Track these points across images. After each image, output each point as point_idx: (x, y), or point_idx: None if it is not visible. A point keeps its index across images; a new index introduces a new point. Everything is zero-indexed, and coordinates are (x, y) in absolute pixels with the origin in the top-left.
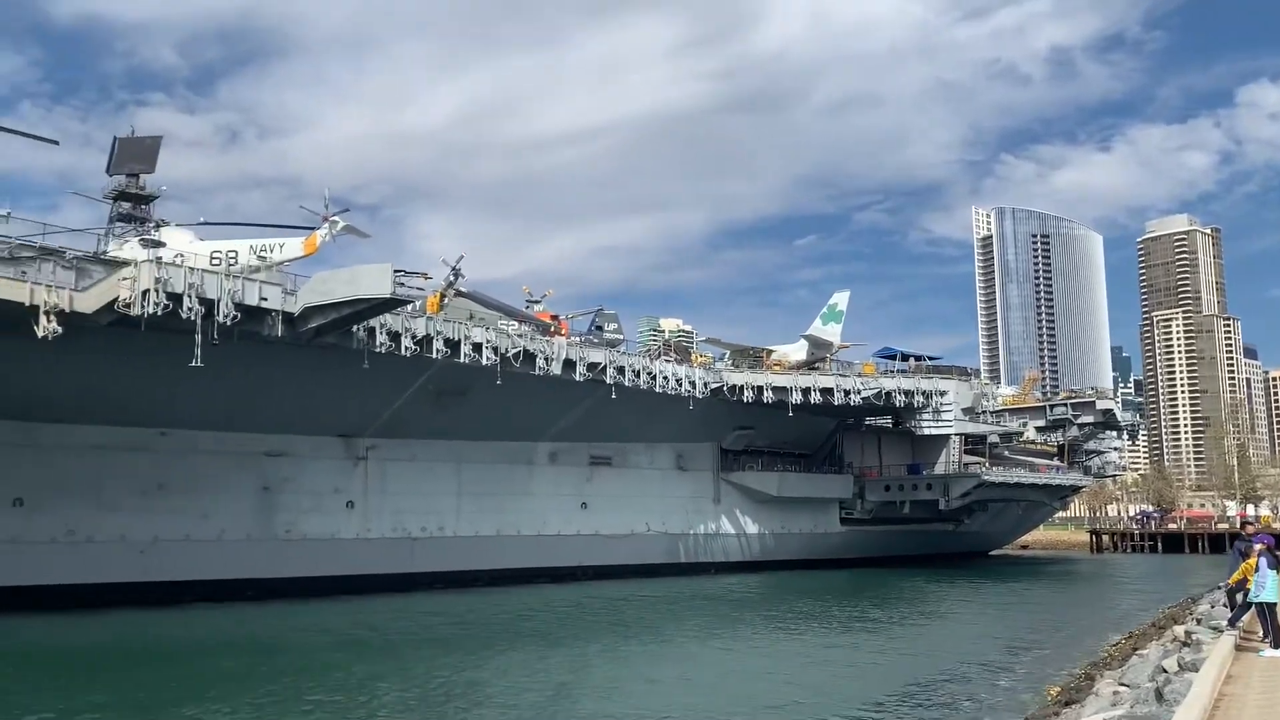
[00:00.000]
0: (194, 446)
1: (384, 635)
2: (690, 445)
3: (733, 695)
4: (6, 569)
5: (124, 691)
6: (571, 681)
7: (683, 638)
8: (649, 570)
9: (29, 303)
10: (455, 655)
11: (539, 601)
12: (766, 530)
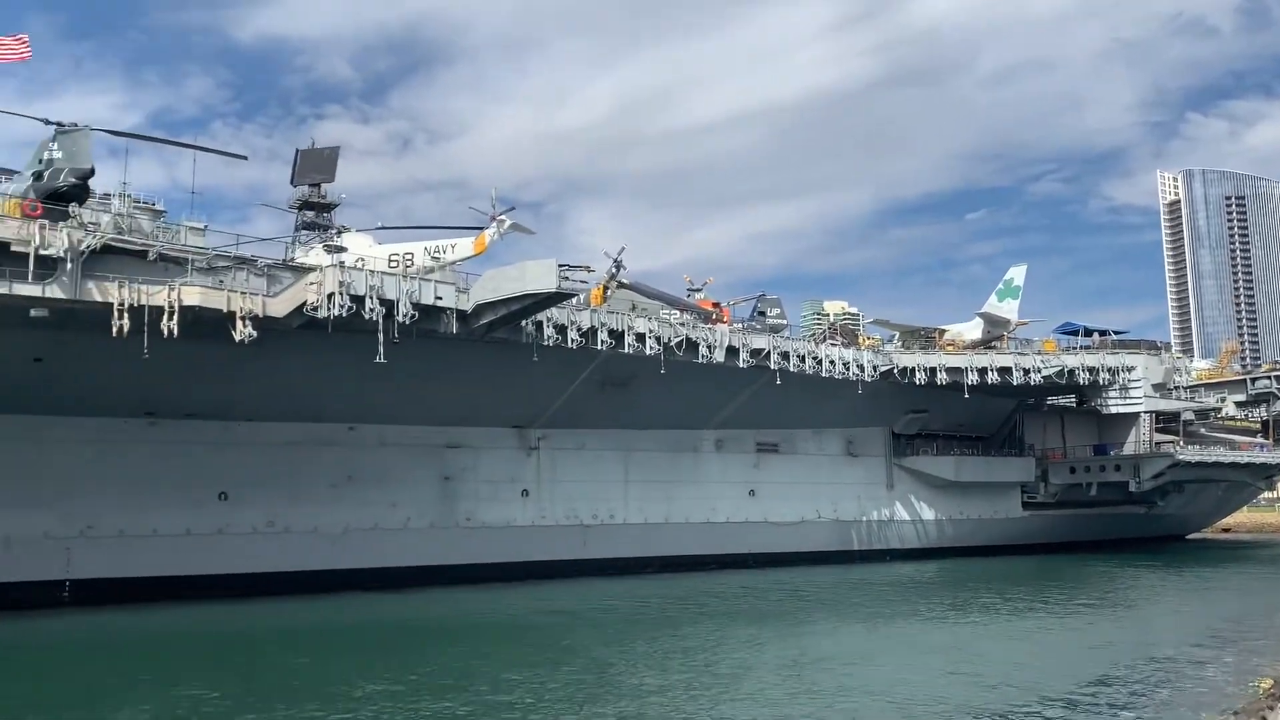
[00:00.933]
0: (380, 440)
1: (622, 614)
2: (860, 430)
3: (960, 676)
4: (214, 558)
5: (459, 662)
6: (812, 657)
7: (887, 619)
8: (819, 558)
9: (226, 309)
10: (687, 631)
11: (728, 586)
12: (943, 516)
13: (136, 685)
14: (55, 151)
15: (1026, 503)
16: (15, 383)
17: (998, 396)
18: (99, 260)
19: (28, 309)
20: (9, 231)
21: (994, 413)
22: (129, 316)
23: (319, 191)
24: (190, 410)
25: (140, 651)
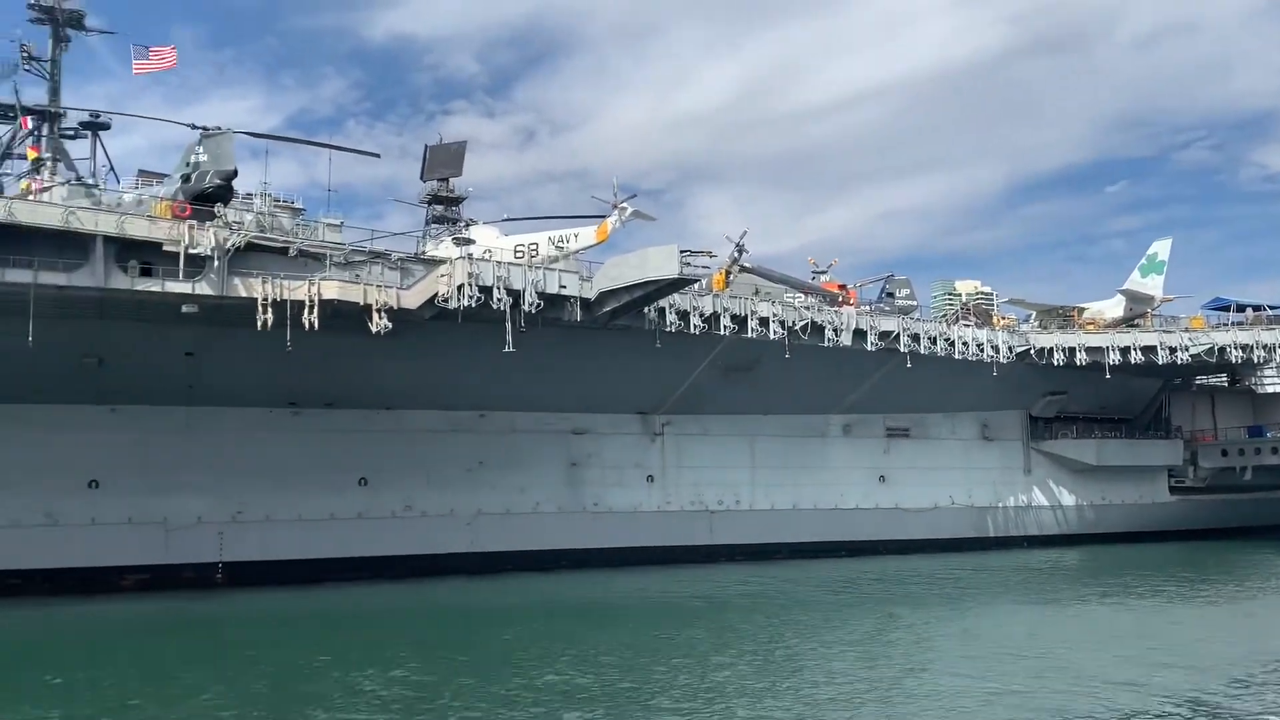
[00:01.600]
0: (510, 427)
1: (774, 598)
2: (995, 414)
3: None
4: (355, 541)
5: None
6: (990, 635)
7: (1063, 604)
8: (952, 545)
9: (363, 302)
10: (849, 616)
11: (868, 572)
12: (1084, 501)
13: (403, 648)
14: (201, 155)
15: (1174, 487)
16: (170, 376)
17: (1142, 377)
18: (243, 257)
19: (179, 305)
20: (161, 232)
21: (1138, 394)
22: (272, 311)
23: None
24: (331, 400)
25: (372, 624)
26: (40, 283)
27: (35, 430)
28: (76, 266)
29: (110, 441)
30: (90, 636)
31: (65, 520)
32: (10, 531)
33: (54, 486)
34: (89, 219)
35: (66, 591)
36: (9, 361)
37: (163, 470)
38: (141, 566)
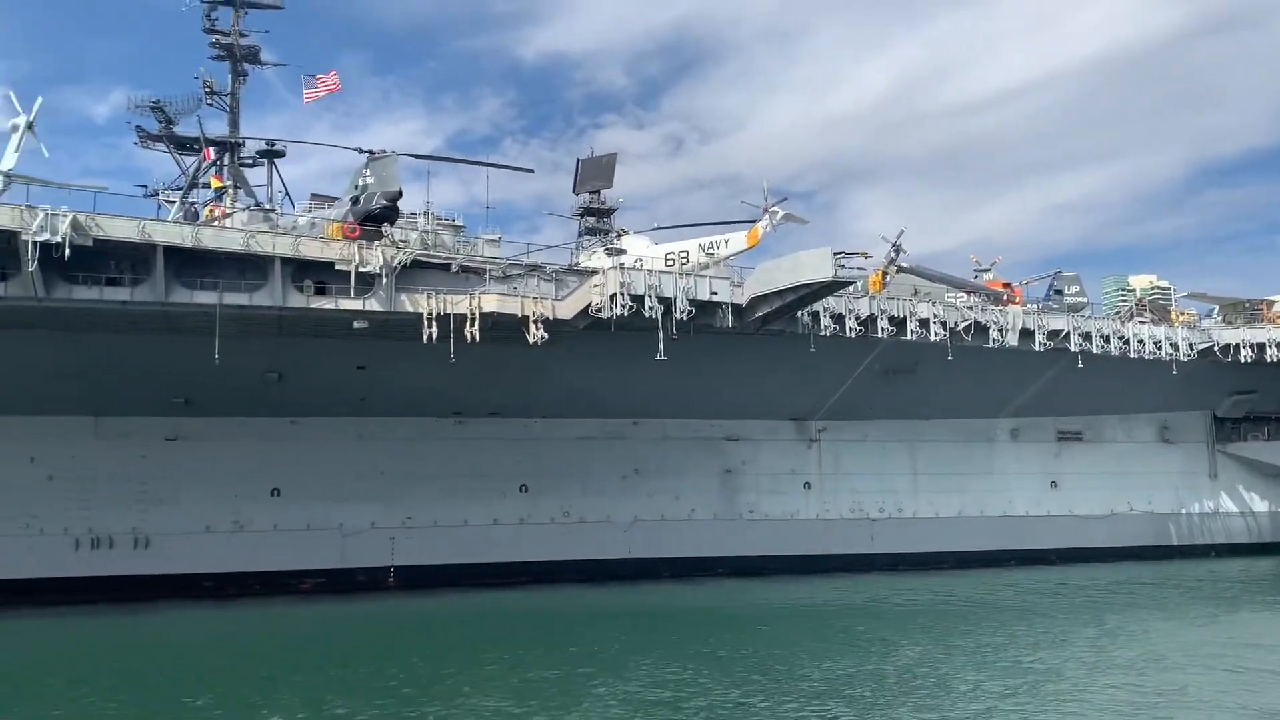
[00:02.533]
0: (663, 434)
1: (976, 605)
2: (1176, 415)
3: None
4: (516, 547)
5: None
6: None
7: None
8: (1131, 553)
9: (520, 314)
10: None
11: (1050, 582)
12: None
13: (643, 646)
14: (368, 177)
15: None
16: (343, 389)
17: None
18: (409, 274)
19: (351, 322)
20: (333, 253)
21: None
22: (436, 324)
23: (599, 198)
24: (493, 409)
25: (589, 624)
26: (225, 303)
27: (224, 441)
28: (257, 287)
29: (290, 452)
30: (381, 631)
31: (251, 526)
32: (204, 537)
33: (241, 494)
34: (267, 242)
35: (251, 594)
36: (199, 378)
37: (338, 479)
38: (319, 570)
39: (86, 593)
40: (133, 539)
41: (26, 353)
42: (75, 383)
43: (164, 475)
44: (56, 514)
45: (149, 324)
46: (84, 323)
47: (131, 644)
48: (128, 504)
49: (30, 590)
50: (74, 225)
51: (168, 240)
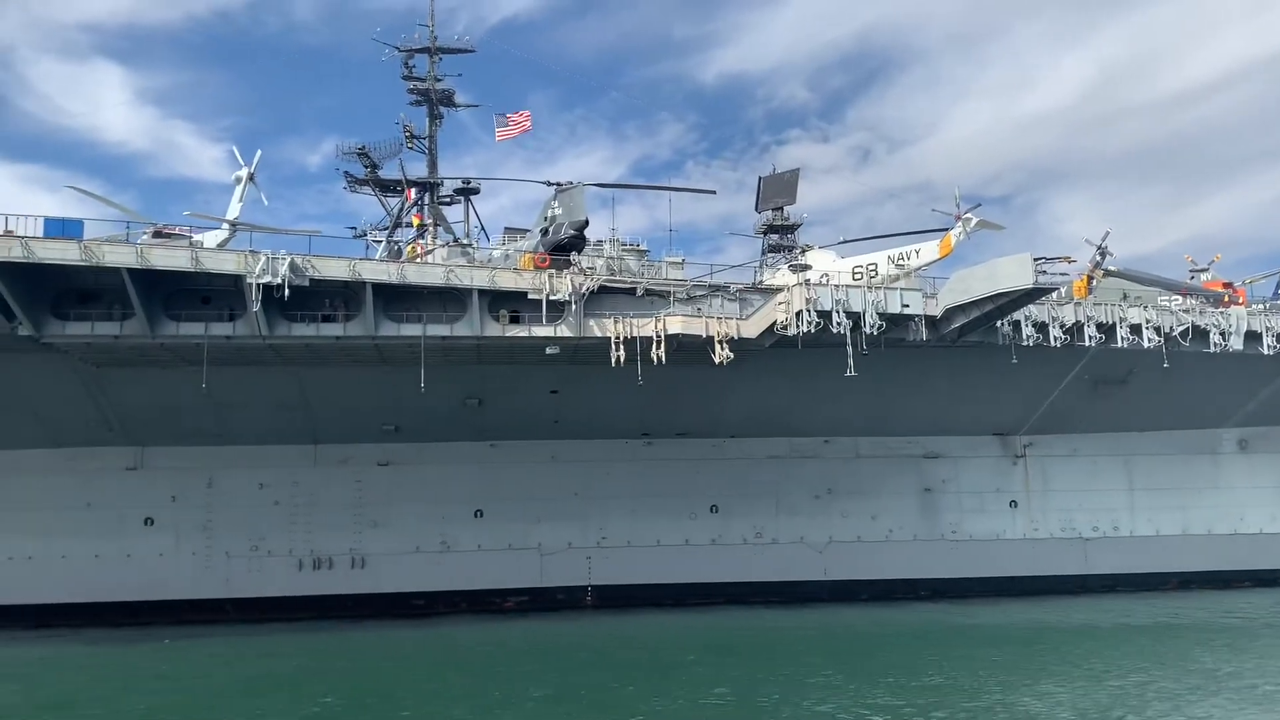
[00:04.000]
0: (856, 452)
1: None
2: None
3: None
4: (710, 567)
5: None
6: None
7: None
8: None
9: (705, 334)
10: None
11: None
12: None
13: (866, 669)
14: (556, 209)
15: None
16: (538, 412)
17: None
18: (596, 300)
19: (544, 348)
20: (526, 283)
21: None
22: (623, 348)
23: (782, 214)
24: (681, 429)
25: (798, 644)
26: (428, 334)
27: (430, 465)
28: (457, 318)
29: (491, 474)
30: (601, 649)
31: (456, 546)
32: (414, 556)
33: (447, 515)
34: (465, 275)
35: (458, 612)
36: (407, 405)
37: (536, 500)
38: (521, 589)
39: (308, 610)
40: (350, 559)
41: (254, 387)
42: (297, 413)
43: (377, 499)
44: (282, 536)
45: (361, 356)
46: (303, 357)
47: (384, 657)
48: (345, 526)
49: (261, 608)
50: (292, 267)
51: (376, 278)
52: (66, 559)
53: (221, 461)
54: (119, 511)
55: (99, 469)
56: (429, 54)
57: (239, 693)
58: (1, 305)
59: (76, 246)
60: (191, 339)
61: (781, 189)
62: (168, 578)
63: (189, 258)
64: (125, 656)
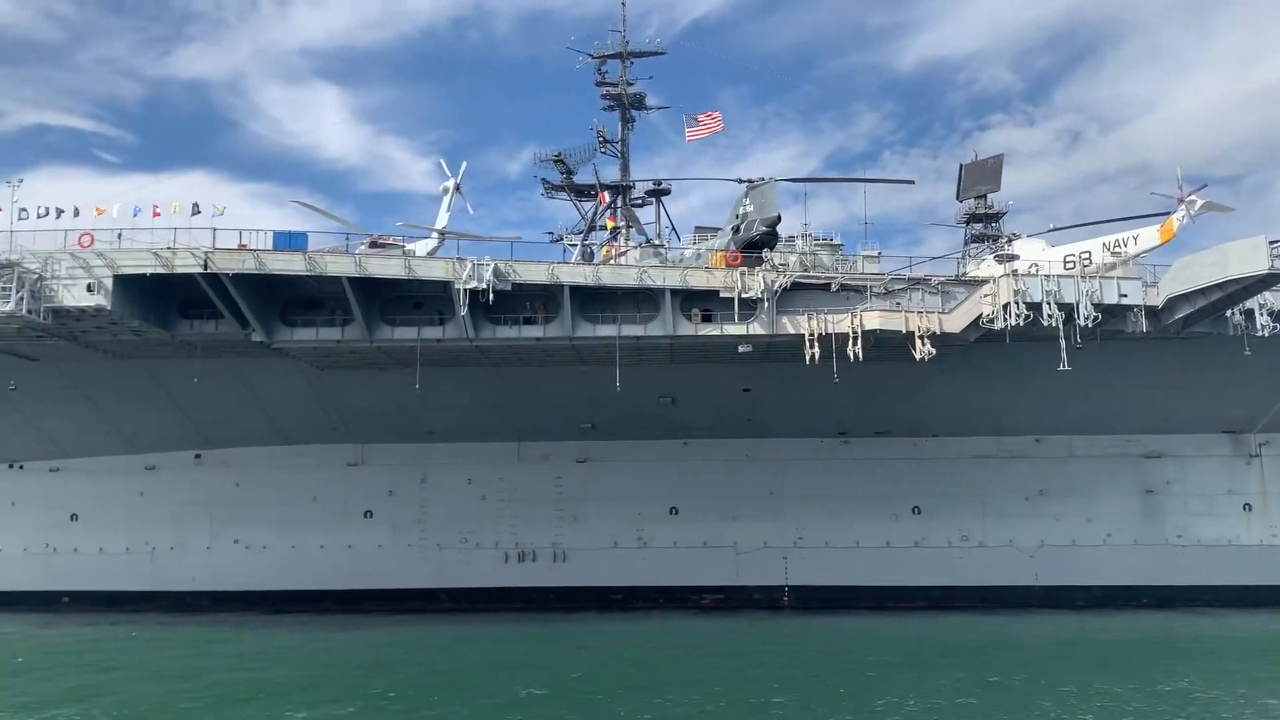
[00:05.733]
0: (1070, 451)
1: None
2: None
3: None
4: (912, 570)
5: None
6: None
7: None
8: None
9: (905, 330)
10: None
11: None
12: None
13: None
14: (747, 205)
15: None
16: (730, 411)
17: None
18: (789, 296)
19: (736, 346)
20: (717, 281)
21: None
22: (818, 345)
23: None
24: (880, 428)
25: (1015, 652)
26: (623, 334)
27: (626, 463)
28: (650, 318)
29: (685, 472)
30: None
31: (653, 543)
32: (612, 552)
33: (644, 512)
34: (658, 275)
35: (655, 607)
36: (603, 404)
37: (730, 498)
38: (717, 587)
39: (514, 601)
40: (552, 553)
41: (462, 387)
42: (501, 412)
43: (576, 495)
44: (489, 530)
45: (560, 357)
46: (506, 358)
47: (609, 649)
48: (547, 521)
49: (471, 598)
50: (496, 272)
51: (573, 280)
52: (296, 549)
53: (433, 458)
54: (342, 505)
55: (324, 465)
56: (621, 59)
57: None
58: (237, 313)
59: (302, 258)
60: (405, 342)
61: (984, 176)
62: (386, 568)
63: (403, 266)
64: (363, 640)
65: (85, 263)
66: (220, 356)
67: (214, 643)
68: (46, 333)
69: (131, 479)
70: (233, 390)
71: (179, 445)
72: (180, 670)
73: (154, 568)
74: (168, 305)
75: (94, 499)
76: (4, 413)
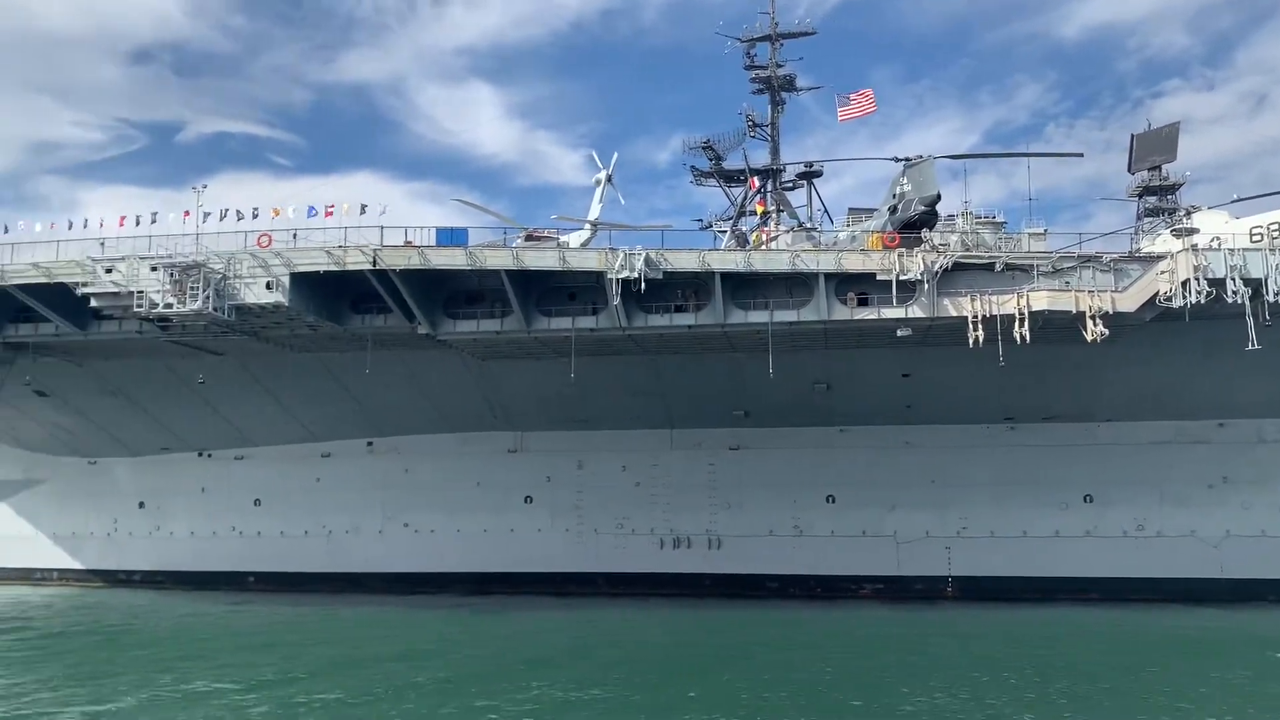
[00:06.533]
0: (1259, 436)
1: None
2: None
3: None
4: (1082, 560)
5: None
6: None
7: None
8: None
9: (1075, 310)
10: None
11: None
12: None
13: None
14: (905, 185)
15: None
16: (888, 397)
17: None
18: (950, 278)
19: (894, 330)
20: (873, 263)
21: None
22: (982, 327)
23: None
24: (1049, 414)
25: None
26: (775, 320)
27: (780, 450)
28: (803, 303)
29: (841, 459)
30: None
31: (809, 531)
32: (767, 540)
33: (799, 500)
34: (811, 259)
35: (812, 597)
36: (756, 391)
37: (889, 486)
38: (876, 577)
39: (669, 587)
40: (707, 540)
41: (615, 375)
42: (654, 399)
43: (729, 482)
44: (643, 516)
45: (712, 344)
46: (658, 346)
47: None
48: (701, 508)
49: (628, 582)
50: (647, 261)
51: (724, 267)
52: (461, 533)
53: (589, 445)
54: (503, 490)
55: (486, 452)
56: (770, 41)
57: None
58: (404, 307)
59: (463, 253)
60: (560, 332)
61: (1159, 146)
62: (546, 551)
63: (557, 258)
64: (553, 622)
65: (264, 262)
66: (389, 349)
67: (443, 622)
68: (230, 329)
69: (309, 466)
70: (400, 381)
71: (352, 434)
72: (437, 648)
73: (330, 550)
74: (340, 301)
75: (276, 485)
76: (194, 405)
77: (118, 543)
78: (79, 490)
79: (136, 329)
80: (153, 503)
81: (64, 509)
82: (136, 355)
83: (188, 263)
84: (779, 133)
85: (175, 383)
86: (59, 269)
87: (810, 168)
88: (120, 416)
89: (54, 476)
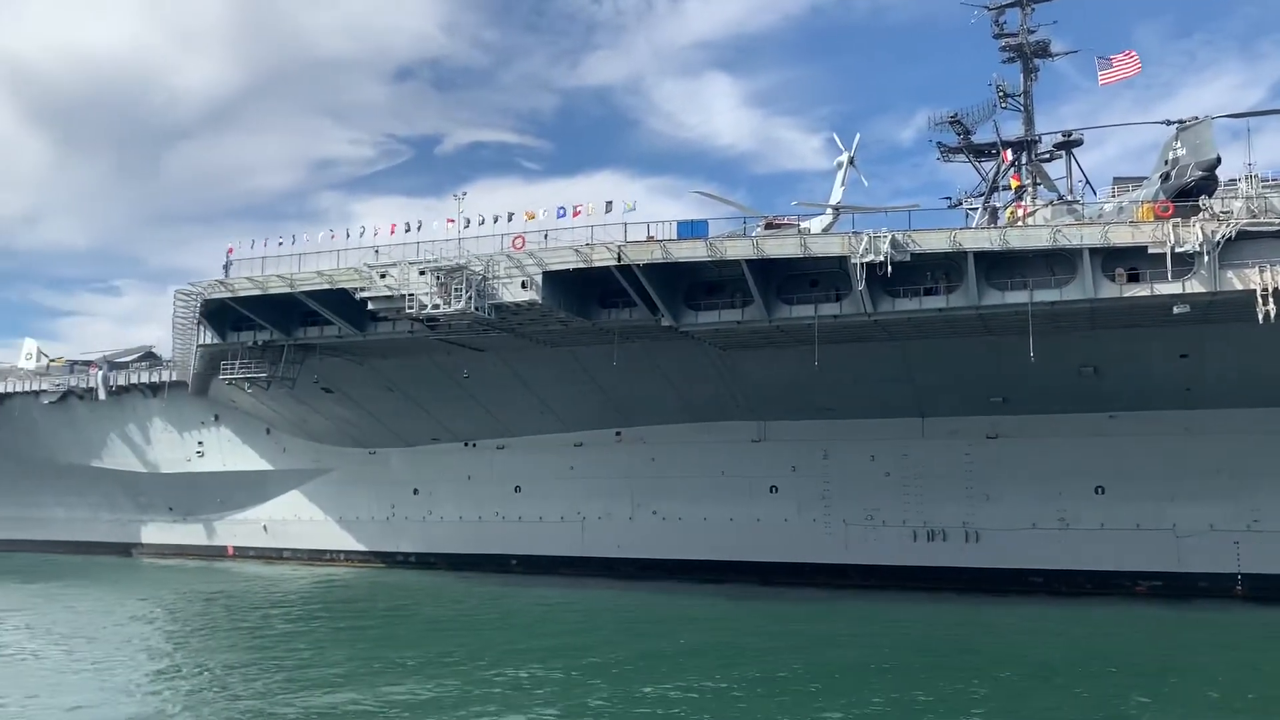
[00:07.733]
0: None
1: None
2: None
3: None
4: None
5: None
6: None
7: None
8: None
9: None
10: None
11: None
12: None
13: None
14: (1178, 149)
15: None
16: (1165, 379)
17: None
18: (1234, 248)
19: (1170, 307)
20: (1144, 236)
21: None
22: (1274, 301)
23: None
24: None
25: None
26: (1035, 301)
27: (1043, 438)
28: (1066, 281)
29: (1112, 448)
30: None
31: (1076, 524)
32: (1030, 533)
33: (1064, 491)
34: (1073, 234)
35: (1081, 593)
36: (1015, 376)
37: (1167, 476)
38: (1153, 573)
39: (921, 581)
40: (963, 533)
41: (862, 363)
42: (903, 387)
43: (987, 472)
44: (894, 508)
45: (965, 328)
46: (906, 331)
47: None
48: (957, 500)
49: (879, 575)
50: (893, 244)
51: (977, 246)
52: (707, 521)
53: (835, 434)
54: (748, 480)
55: (729, 441)
56: (1020, 6)
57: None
58: (647, 300)
59: (703, 244)
60: (803, 320)
61: None
62: (793, 541)
63: (798, 245)
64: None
65: (519, 263)
66: (634, 341)
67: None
68: (490, 326)
69: (563, 455)
70: (646, 372)
71: (601, 424)
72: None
73: (584, 535)
74: (588, 296)
75: (533, 473)
76: (459, 398)
77: (395, 526)
78: (360, 478)
79: (408, 329)
80: (425, 489)
81: (347, 495)
82: (409, 353)
83: (452, 266)
84: (1033, 101)
85: (443, 378)
86: (340, 276)
87: (1069, 137)
88: (396, 410)
89: (339, 465)
